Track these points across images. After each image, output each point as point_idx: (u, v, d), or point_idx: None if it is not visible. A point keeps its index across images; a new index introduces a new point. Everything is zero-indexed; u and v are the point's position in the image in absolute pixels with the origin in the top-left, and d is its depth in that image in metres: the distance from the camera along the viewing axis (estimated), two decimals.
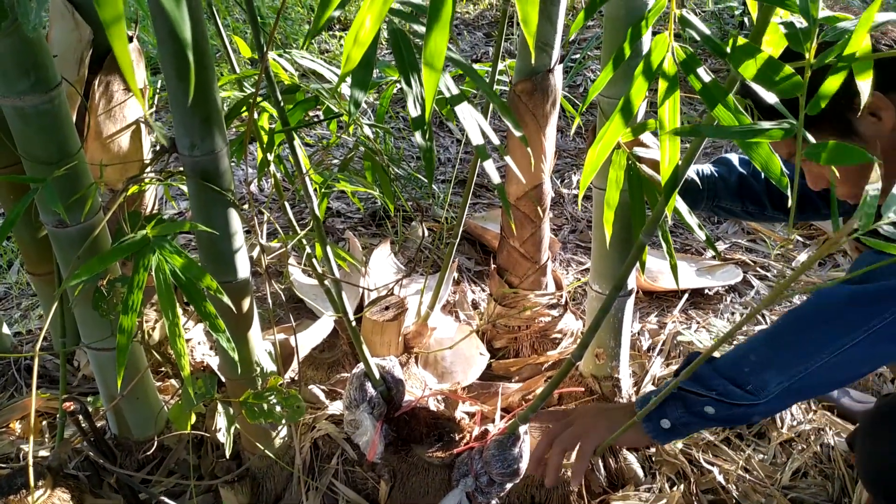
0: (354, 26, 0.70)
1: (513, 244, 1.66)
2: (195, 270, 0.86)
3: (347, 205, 2.55)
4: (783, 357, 1.07)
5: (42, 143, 1.06)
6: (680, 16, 0.90)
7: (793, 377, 1.06)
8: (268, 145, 1.33)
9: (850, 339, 1.02)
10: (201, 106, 0.99)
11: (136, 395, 1.41)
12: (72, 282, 0.83)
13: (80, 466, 1.44)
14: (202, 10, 0.94)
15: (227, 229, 1.11)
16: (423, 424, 1.41)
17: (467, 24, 4.07)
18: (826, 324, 1.06)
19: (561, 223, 2.50)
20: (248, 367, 1.25)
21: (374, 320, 1.53)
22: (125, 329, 0.82)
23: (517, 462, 1.29)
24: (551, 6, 1.39)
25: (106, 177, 1.43)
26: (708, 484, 1.53)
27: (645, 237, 1.05)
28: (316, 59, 1.35)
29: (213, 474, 1.46)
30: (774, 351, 1.08)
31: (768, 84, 0.79)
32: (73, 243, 1.17)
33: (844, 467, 1.53)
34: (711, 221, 2.49)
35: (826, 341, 1.04)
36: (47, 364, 1.80)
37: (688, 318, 2.03)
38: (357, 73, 0.81)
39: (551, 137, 1.55)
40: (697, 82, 0.86)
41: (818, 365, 1.04)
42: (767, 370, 1.07)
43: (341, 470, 1.42)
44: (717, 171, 1.56)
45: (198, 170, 1.05)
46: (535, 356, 1.76)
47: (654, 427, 1.14)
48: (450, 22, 0.67)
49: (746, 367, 1.09)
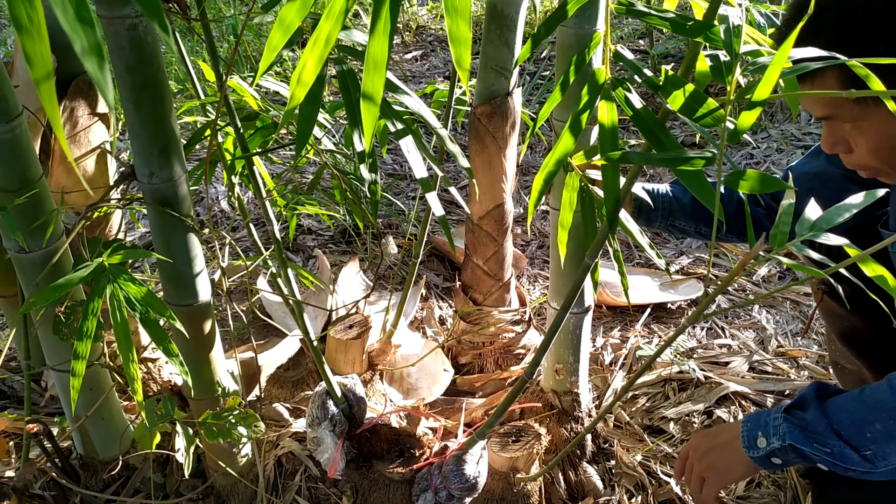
0: (298, 68, 0.73)
1: (476, 262, 1.70)
2: (150, 299, 0.89)
3: (318, 222, 2.58)
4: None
5: (3, 172, 1.08)
6: (615, 51, 0.95)
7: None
8: (230, 169, 1.36)
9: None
10: (159, 136, 1.02)
11: (101, 415, 1.42)
12: (29, 308, 0.85)
13: (45, 486, 1.45)
14: (158, 44, 0.97)
15: (186, 254, 1.14)
16: (384, 441, 1.44)
17: (440, 41, 4.13)
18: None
19: (528, 239, 2.55)
20: (210, 387, 1.28)
21: (339, 339, 1.57)
22: (80, 355, 0.85)
23: (475, 477, 1.32)
24: (508, 33, 1.43)
25: (72, 201, 1.45)
26: (665, 495, 1.57)
27: (589, 259, 1.09)
28: (278, 81, 1.39)
29: (178, 493, 1.48)
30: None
31: (690, 114, 0.84)
32: (36, 267, 1.19)
33: (796, 477, 1.58)
34: (675, 236, 2.54)
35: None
36: (15, 384, 1.81)
37: (650, 333, 2.07)
38: (304, 108, 0.85)
39: (511, 158, 1.59)
40: (629, 109, 0.91)
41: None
42: (892, 442, 1.03)
43: (304, 487, 1.45)
44: (671, 191, 1.61)
45: (157, 196, 1.08)
46: (499, 372, 1.79)
47: (764, 462, 1.14)
48: (386, 63, 0.71)
49: (869, 433, 1.04)
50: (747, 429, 1.15)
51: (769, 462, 1.13)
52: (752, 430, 1.14)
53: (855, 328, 1.56)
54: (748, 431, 1.15)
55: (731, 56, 0.85)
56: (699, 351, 1.97)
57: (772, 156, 2.92)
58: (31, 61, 0.44)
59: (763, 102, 0.76)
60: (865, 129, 1.06)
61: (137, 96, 0.98)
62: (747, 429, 1.15)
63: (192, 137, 1.33)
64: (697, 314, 0.94)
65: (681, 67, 0.89)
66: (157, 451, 1.28)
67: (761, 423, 1.14)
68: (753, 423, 1.15)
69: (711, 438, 1.22)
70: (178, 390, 1.64)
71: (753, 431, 1.14)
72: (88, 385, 1.36)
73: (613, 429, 1.73)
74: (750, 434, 1.14)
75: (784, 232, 0.83)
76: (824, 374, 1.86)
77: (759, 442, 1.13)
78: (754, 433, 1.14)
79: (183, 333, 1.11)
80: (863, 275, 0.87)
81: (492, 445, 1.42)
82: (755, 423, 1.15)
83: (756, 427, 1.14)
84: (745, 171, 0.80)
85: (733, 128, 0.81)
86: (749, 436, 1.14)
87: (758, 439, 1.13)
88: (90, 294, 0.88)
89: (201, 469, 1.47)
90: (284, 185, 1.77)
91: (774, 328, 2.06)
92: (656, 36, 3.75)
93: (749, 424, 1.16)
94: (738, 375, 1.86)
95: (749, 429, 1.15)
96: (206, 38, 1.07)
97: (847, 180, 1.37)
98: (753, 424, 1.15)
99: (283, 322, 1.92)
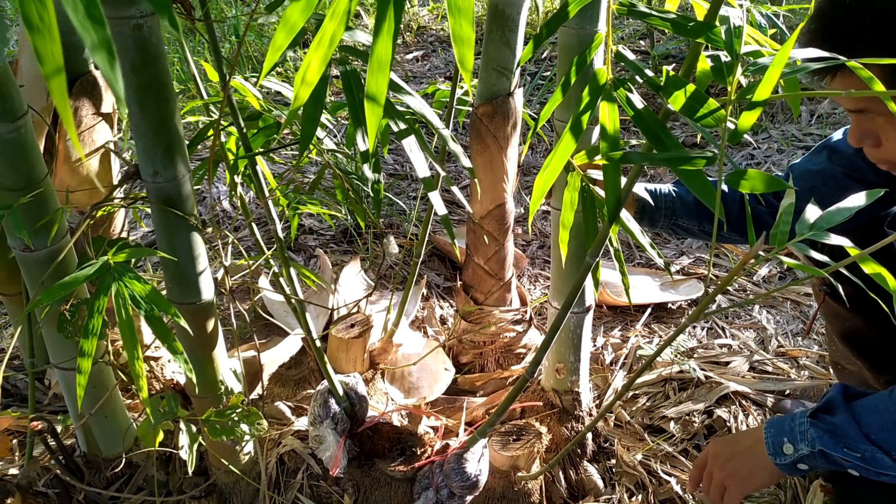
0: (302, 68, 0.74)
1: (477, 261, 1.71)
2: (154, 297, 0.90)
3: (320, 222, 2.59)
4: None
5: (8, 171, 1.09)
6: (616, 51, 0.95)
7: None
8: (232, 168, 1.37)
9: None
10: (163, 136, 1.03)
11: (105, 413, 1.43)
12: (34, 307, 0.86)
13: (49, 484, 1.46)
14: (163, 45, 0.98)
15: (190, 252, 1.15)
16: (385, 439, 1.45)
17: (441, 41, 4.13)
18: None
19: (529, 239, 2.55)
20: (213, 386, 1.28)
21: (340, 338, 1.57)
22: (86, 352, 0.86)
23: (476, 475, 1.33)
24: (510, 33, 1.44)
25: (76, 200, 1.46)
26: (665, 494, 1.57)
27: (590, 258, 1.10)
28: (281, 82, 1.39)
29: (180, 490, 1.48)
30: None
31: (691, 114, 0.84)
32: (41, 266, 1.20)
33: (797, 477, 1.59)
34: (678, 236, 2.55)
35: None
36: (18, 383, 1.82)
37: (650, 332, 2.08)
38: (308, 108, 0.86)
39: (513, 158, 1.60)
40: (630, 109, 0.92)
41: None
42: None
43: (306, 484, 1.45)
44: (675, 191, 1.62)
45: (161, 196, 1.09)
46: (500, 371, 1.80)
47: (790, 469, 1.12)
48: (390, 64, 0.72)
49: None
50: (771, 435, 1.13)
51: (795, 468, 1.11)
52: (776, 437, 1.12)
53: (856, 329, 1.56)
54: (773, 438, 1.13)
55: (732, 56, 0.85)
56: (700, 351, 1.97)
57: (773, 156, 2.93)
58: (42, 59, 0.45)
59: (764, 103, 0.77)
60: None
61: (142, 96, 0.99)
62: (771, 435, 1.13)
63: (195, 137, 1.34)
64: (698, 313, 0.95)
65: (682, 68, 0.90)
66: (160, 448, 1.29)
67: (786, 429, 1.12)
68: (777, 430, 1.13)
69: (732, 446, 1.20)
70: (180, 389, 1.65)
71: (778, 438, 1.12)
72: (92, 383, 1.37)
73: (614, 428, 1.73)
74: (775, 440, 1.12)
75: (784, 231, 0.84)
76: (825, 375, 1.86)
77: (785, 448, 1.11)
78: (779, 439, 1.12)
79: (186, 331, 1.11)
80: (865, 275, 0.88)
81: (493, 444, 1.42)
82: (779, 428, 1.13)
83: (781, 433, 1.12)
84: (746, 171, 0.81)
85: (734, 128, 0.81)
86: (774, 442, 1.12)
87: (784, 445, 1.11)
88: (96, 292, 0.89)
89: (204, 467, 1.48)
90: (286, 185, 1.78)
91: (775, 328, 2.07)
92: (657, 37, 3.76)
93: (773, 430, 1.13)
94: (738, 375, 1.87)
95: (773, 435, 1.13)
96: (210, 38, 1.08)
97: (849, 178, 1.38)
98: (777, 430, 1.13)
99: (284, 321, 1.93)
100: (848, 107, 1.10)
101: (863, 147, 1.14)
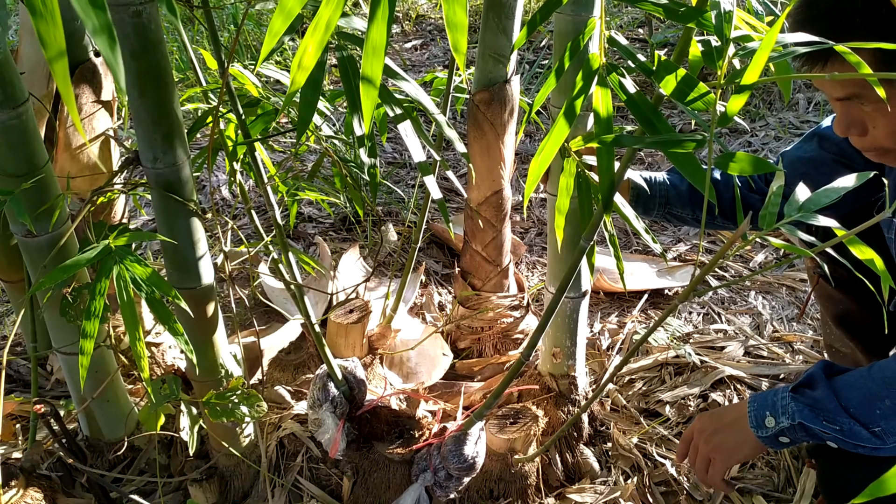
0: (299, 53, 0.75)
1: (475, 248, 1.73)
2: (155, 279, 0.91)
3: (319, 210, 2.61)
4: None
5: (10, 157, 1.11)
6: (609, 36, 0.96)
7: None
8: (231, 155, 1.38)
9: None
10: (163, 122, 1.04)
11: (107, 397, 1.45)
12: (37, 290, 0.88)
13: (52, 467, 1.48)
14: (162, 32, 0.99)
15: (189, 237, 1.16)
16: (384, 422, 1.47)
17: (440, 30, 4.13)
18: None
19: (527, 226, 2.57)
20: (214, 369, 1.30)
21: (339, 323, 1.59)
22: (88, 334, 0.87)
23: (473, 457, 1.35)
24: (506, 20, 1.45)
25: (76, 186, 1.47)
26: (661, 476, 1.59)
27: (585, 241, 1.11)
28: (279, 70, 1.40)
29: (182, 473, 1.51)
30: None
31: (682, 98, 0.86)
32: (42, 252, 1.21)
33: (790, 458, 1.61)
34: (673, 224, 2.56)
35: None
36: (21, 369, 1.84)
37: (647, 318, 2.10)
38: (305, 93, 0.87)
39: (510, 145, 1.61)
40: (623, 94, 0.93)
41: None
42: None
43: (306, 467, 1.48)
44: (669, 179, 1.63)
45: (161, 181, 1.10)
46: (497, 356, 1.82)
47: (771, 441, 1.15)
48: (384, 48, 0.73)
49: (878, 410, 1.06)
50: (754, 409, 1.16)
51: (777, 441, 1.14)
52: (759, 410, 1.15)
53: (849, 311, 1.58)
54: (755, 411, 1.16)
55: (722, 41, 0.87)
56: (695, 336, 1.99)
57: (769, 143, 2.94)
58: (45, 43, 0.46)
59: (752, 86, 0.78)
60: (889, 110, 1.06)
61: (142, 83, 1.00)
62: (754, 409, 1.16)
63: (194, 124, 1.35)
64: (686, 293, 0.96)
65: (674, 53, 0.91)
66: (162, 432, 1.31)
67: (769, 403, 1.14)
68: (760, 403, 1.16)
69: (717, 420, 1.23)
70: (182, 374, 1.66)
71: (761, 411, 1.15)
72: (94, 368, 1.39)
73: (610, 412, 1.75)
74: (758, 414, 1.15)
75: (773, 213, 0.85)
76: (819, 359, 1.88)
77: (767, 422, 1.13)
78: (762, 413, 1.14)
79: (187, 315, 1.13)
80: (855, 258, 0.89)
81: (490, 427, 1.44)
82: (762, 402, 1.16)
83: (763, 407, 1.15)
84: (735, 154, 0.82)
85: (723, 111, 0.83)
86: (757, 416, 1.15)
87: (766, 419, 1.14)
88: (97, 275, 0.90)
89: (205, 450, 1.50)
90: (285, 173, 1.79)
91: (770, 313, 2.09)
92: (656, 24, 3.76)
93: (756, 404, 1.16)
94: (733, 360, 1.89)
95: (756, 409, 1.16)
96: (209, 25, 1.09)
97: (839, 165, 1.39)
98: (760, 404, 1.16)
99: (284, 307, 1.95)
100: (836, 95, 1.11)
101: (849, 136, 1.15)
